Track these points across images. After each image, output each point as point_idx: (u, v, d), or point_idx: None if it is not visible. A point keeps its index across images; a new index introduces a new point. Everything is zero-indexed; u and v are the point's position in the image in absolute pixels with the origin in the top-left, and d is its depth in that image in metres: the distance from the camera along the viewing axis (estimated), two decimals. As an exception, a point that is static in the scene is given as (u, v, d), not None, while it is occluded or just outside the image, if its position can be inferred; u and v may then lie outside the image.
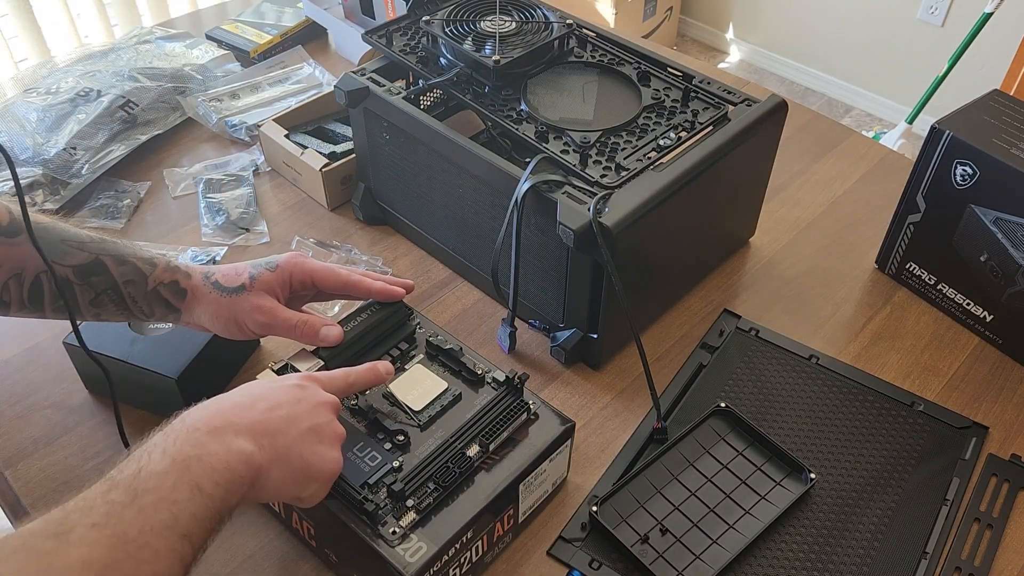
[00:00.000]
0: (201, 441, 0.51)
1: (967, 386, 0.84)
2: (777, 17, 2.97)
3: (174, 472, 0.49)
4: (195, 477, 0.49)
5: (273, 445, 0.54)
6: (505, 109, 0.85)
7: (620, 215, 0.73)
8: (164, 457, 0.49)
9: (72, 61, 1.20)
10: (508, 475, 0.64)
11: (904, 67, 2.71)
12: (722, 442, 0.77)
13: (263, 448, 0.54)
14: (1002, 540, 0.72)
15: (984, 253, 0.84)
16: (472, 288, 0.94)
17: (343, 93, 0.90)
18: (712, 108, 0.86)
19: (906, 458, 0.77)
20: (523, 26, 0.91)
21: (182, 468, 0.49)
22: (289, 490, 0.56)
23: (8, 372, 0.84)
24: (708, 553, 0.69)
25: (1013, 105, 0.84)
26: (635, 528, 0.70)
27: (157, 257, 0.71)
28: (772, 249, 0.99)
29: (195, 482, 0.49)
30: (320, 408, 0.59)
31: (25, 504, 0.73)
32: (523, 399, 0.69)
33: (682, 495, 0.73)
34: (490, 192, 0.82)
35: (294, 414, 0.57)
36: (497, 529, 0.66)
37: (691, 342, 0.88)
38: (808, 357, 0.86)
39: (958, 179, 0.83)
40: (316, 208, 1.04)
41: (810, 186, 1.09)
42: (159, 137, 1.12)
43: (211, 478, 0.50)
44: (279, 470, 0.54)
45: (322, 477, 0.57)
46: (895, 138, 2.35)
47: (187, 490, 0.48)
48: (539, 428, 0.68)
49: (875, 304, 0.93)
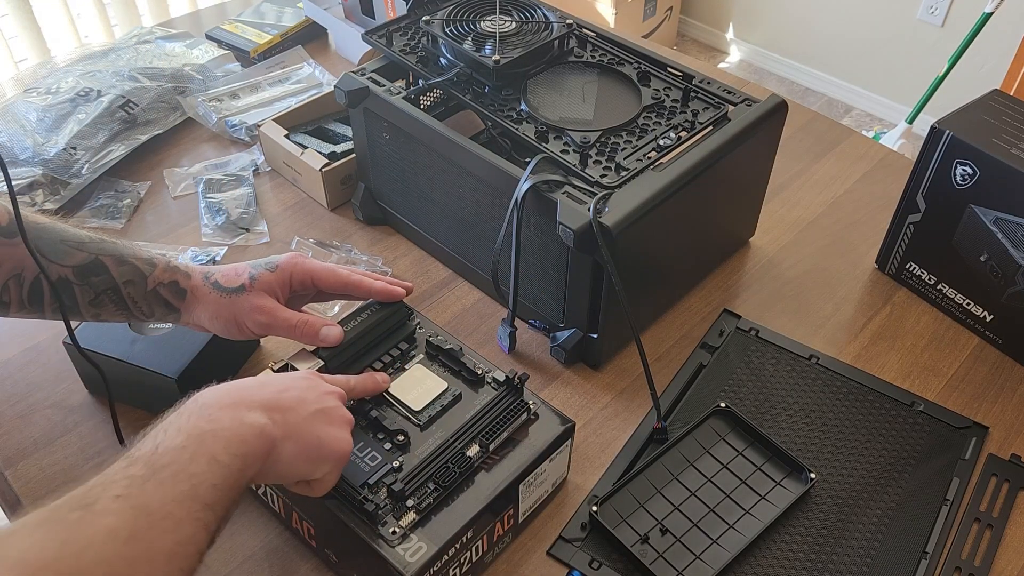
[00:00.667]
0: (215, 416, 0.52)
1: (967, 386, 0.84)
2: (777, 17, 2.97)
3: (190, 446, 0.50)
4: (211, 449, 0.50)
5: (285, 420, 0.56)
6: (505, 109, 0.85)
7: (620, 215, 0.73)
8: (179, 433, 0.51)
9: (72, 61, 1.20)
10: (508, 475, 0.64)
11: (904, 67, 2.71)
12: (722, 442, 0.77)
13: (275, 423, 0.55)
14: (1002, 540, 0.72)
15: (984, 253, 0.84)
16: (472, 288, 0.94)
17: (343, 93, 0.90)
18: (712, 108, 0.86)
19: (906, 458, 0.77)
20: (523, 26, 0.91)
21: (197, 442, 0.50)
22: (302, 467, 0.57)
23: (8, 372, 0.84)
24: (708, 553, 0.69)
25: (1013, 105, 0.84)
26: (635, 528, 0.70)
27: (157, 257, 0.71)
28: (772, 249, 0.99)
29: (211, 454, 0.50)
30: (328, 395, 0.60)
31: (25, 504, 0.73)
32: (523, 399, 0.69)
33: (682, 495, 0.73)
34: (490, 192, 0.82)
35: (304, 396, 0.58)
36: (497, 529, 0.66)
37: (691, 342, 0.88)
38: (808, 357, 0.86)
39: (958, 179, 0.83)
40: (316, 208, 1.04)
41: (810, 186, 1.09)
42: (159, 137, 1.12)
43: (227, 450, 0.51)
44: (292, 445, 0.55)
45: (333, 457, 0.58)
46: (895, 138, 2.35)
47: (204, 462, 0.50)
48: (539, 428, 0.68)
49: (875, 304, 0.93)
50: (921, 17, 2.57)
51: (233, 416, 0.53)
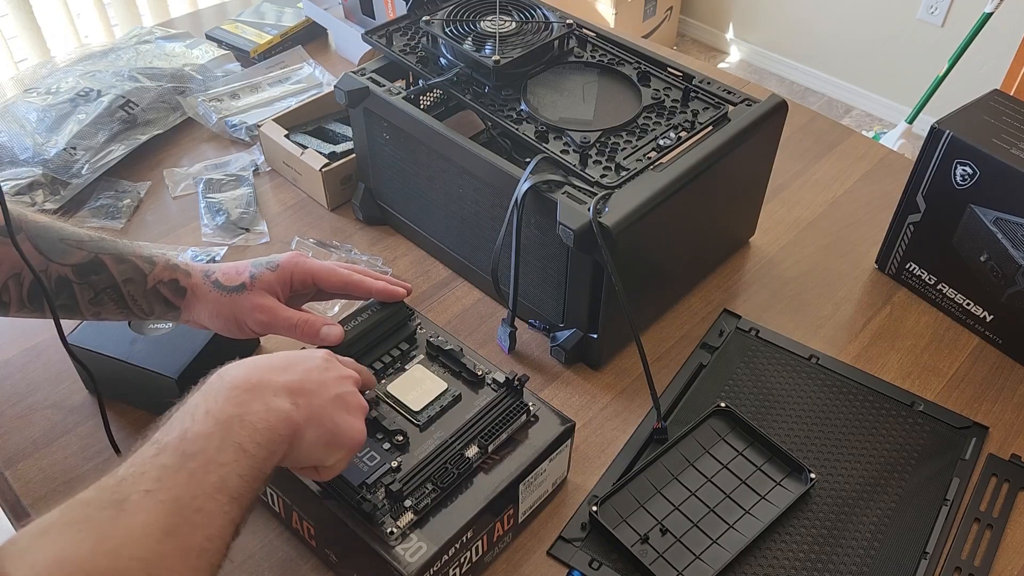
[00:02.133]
0: (242, 399, 0.52)
1: (967, 386, 0.84)
2: (777, 17, 2.97)
3: (218, 433, 0.50)
4: (238, 438, 0.50)
5: (308, 405, 0.55)
6: (505, 109, 0.85)
7: (620, 215, 0.73)
8: (208, 417, 0.50)
9: (72, 61, 1.20)
10: (508, 475, 0.64)
11: (904, 67, 2.71)
12: (722, 442, 0.77)
13: (299, 407, 0.55)
14: (1002, 540, 0.72)
15: (984, 253, 0.84)
16: (472, 288, 0.94)
17: (343, 93, 0.90)
18: (712, 108, 0.86)
19: (906, 458, 0.77)
20: (523, 26, 0.91)
21: (225, 429, 0.50)
22: (318, 453, 0.57)
23: (8, 372, 0.84)
24: (708, 553, 0.69)
25: (1013, 105, 0.84)
26: (635, 528, 0.70)
27: (156, 255, 0.71)
28: (772, 249, 0.99)
29: (238, 443, 0.50)
30: (346, 380, 0.60)
31: (25, 504, 0.73)
32: (523, 401, 0.69)
33: (682, 495, 0.73)
34: (490, 192, 0.82)
35: (324, 379, 0.58)
36: (497, 529, 0.66)
37: (691, 342, 0.88)
38: (808, 357, 0.86)
39: (958, 179, 0.83)
40: (316, 208, 1.04)
41: (810, 186, 1.09)
42: (159, 137, 1.12)
43: (253, 438, 0.51)
44: (313, 431, 0.55)
45: (347, 445, 0.58)
46: (895, 138, 2.35)
47: (232, 452, 0.50)
48: (539, 428, 0.68)
49: (875, 304, 0.93)
50: (921, 17, 2.57)
51: (260, 400, 0.53)
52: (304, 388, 0.56)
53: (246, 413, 0.52)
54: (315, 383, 0.57)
